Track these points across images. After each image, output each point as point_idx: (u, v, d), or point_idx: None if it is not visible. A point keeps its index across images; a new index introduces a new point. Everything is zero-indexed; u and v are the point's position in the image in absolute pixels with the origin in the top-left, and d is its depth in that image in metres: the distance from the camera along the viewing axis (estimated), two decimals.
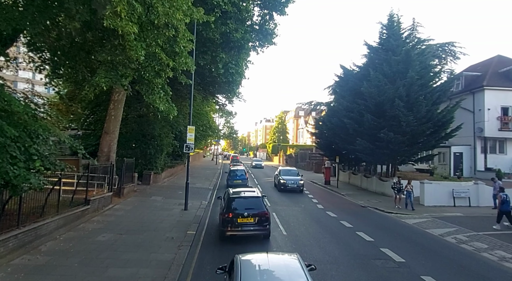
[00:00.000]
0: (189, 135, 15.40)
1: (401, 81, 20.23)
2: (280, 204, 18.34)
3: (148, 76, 9.11)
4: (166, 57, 8.71)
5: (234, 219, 10.44)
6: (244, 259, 5.29)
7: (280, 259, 5.69)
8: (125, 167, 17.68)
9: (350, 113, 22.84)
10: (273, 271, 4.88)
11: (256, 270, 4.92)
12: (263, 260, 5.29)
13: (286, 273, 4.82)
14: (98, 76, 8.68)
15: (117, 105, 18.46)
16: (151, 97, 9.75)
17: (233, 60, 17.61)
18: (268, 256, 5.53)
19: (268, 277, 4.77)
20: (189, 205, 15.86)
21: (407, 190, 17.55)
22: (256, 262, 5.18)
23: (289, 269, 4.94)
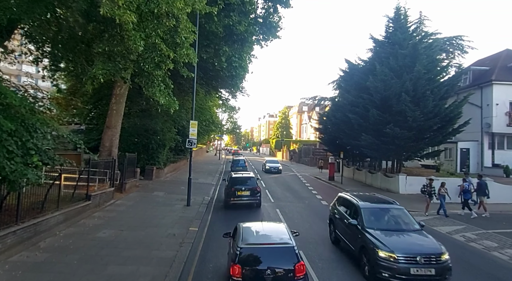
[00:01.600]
0: (192, 130, 15.15)
1: (408, 76, 19.78)
2: (283, 200, 18.11)
3: (147, 68, 8.79)
4: (167, 48, 8.40)
5: (235, 192, 15.15)
6: (244, 225, 7.22)
7: (271, 225, 8.05)
8: (127, 162, 17.52)
9: (355, 108, 22.45)
10: (266, 232, 6.98)
11: (253, 231, 6.92)
12: (258, 226, 7.43)
13: (275, 234, 6.82)
14: (96, 68, 8.37)
15: (119, 99, 18.23)
16: (151, 90, 9.45)
17: (237, 54, 17.28)
18: (263, 223, 7.85)
19: (262, 235, 6.78)
20: (191, 200, 15.68)
21: (440, 193, 14.99)
22: (254, 227, 7.22)
23: (278, 231, 6.97)
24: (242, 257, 6.06)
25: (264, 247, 6.30)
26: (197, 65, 17.98)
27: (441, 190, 15.08)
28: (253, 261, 6.06)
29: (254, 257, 6.13)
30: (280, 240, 6.48)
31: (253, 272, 5.95)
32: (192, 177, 24.76)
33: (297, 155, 51.37)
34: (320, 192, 21.09)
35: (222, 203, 16.82)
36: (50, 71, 15.24)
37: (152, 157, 22.28)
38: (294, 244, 6.28)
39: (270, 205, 16.56)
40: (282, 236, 6.63)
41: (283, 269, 5.95)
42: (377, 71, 20.64)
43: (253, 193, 15.27)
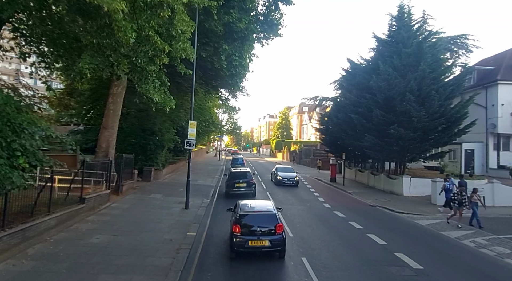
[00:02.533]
0: (191, 130, 14.66)
1: (412, 75, 19.32)
2: (284, 202, 17.59)
3: (140, 62, 8.23)
4: (161, 41, 7.85)
5: (234, 184, 18.61)
6: (242, 202, 10.16)
7: (261, 201, 11.67)
8: (124, 163, 17.03)
9: (358, 109, 21.96)
10: (256, 205, 10.04)
11: (248, 204, 9.91)
12: (252, 201, 10.74)
13: (263, 206, 9.91)
14: (82, 61, 7.79)
15: (115, 99, 17.75)
16: (144, 87, 8.88)
17: (237, 52, 16.80)
18: (255, 200, 12.43)
19: (254, 207, 9.75)
20: (190, 203, 15.18)
21: (473, 201, 13.17)
22: (248, 202, 10.27)
23: (265, 205, 10.13)
24: (240, 220, 8.99)
25: (255, 214, 9.35)
26: (196, 64, 17.53)
27: (474, 197, 13.17)
28: (247, 223, 8.97)
29: (248, 220, 9.05)
30: (266, 210, 9.56)
31: (247, 229, 8.81)
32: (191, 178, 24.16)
33: (297, 156, 50.85)
34: (322, 194, 20.59)
35: (222, 205, 16.33)
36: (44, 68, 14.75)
37: (150, 158, 21.79)
38: (275, 212, 9.38)
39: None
40: (268, 208, 9.77)
41: (268, 228, 8.84)
42: (380, 71, 20.16)
43: (249, 184, 18.63)
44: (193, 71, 14.28)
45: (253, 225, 8.89)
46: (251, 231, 8.78)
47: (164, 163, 23.77)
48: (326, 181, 27.83)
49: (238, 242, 8.70)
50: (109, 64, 8.19)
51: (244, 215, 9.15)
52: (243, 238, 8.68)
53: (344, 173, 25.81)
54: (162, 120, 22.56)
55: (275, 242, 8.70)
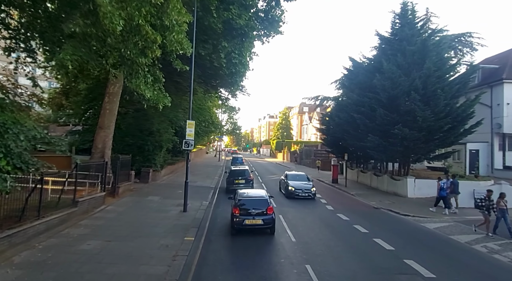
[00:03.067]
0: (189, 130, 14.14)
1: (417, 73, 18.79)
2: (286, 205, 17.07)
3: (130, 54, 7.61)
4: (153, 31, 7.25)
5: (234, 181, 20.11)
6: (240, 190, 12.65)
7: (256, 190, 14.31)
8: (121, 164, 16.50)
9: (361, 108, 21.43)
10: (252, 192, 12.65)
11: (245, 192, 12.42)
12: (248, 190, 13.48)
13: (257, 193, 12.45)
14: (63, 52, 7.16)
15: (112, 98, 17.27)
16: (135, 81, 8.25)
17: (236, 50, 16.29)
18: (251, 189, 14.79)
19: (249, 193, 12.29)
20: (188, 206, 14.68)
21: (500, 208, 12.02)
22: (245, 191, 12.85)
23: (259, 192, 12.78)
24: (239, 204, 11.25)
25: (251, 198, 11.74)
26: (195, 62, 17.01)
27: (501, 203, 12.05)
28: (244, 206, 11.17)
29: (245, 204, 11.28)
30: (259, 196, 12.10)
31: (245, 211, 11.01)
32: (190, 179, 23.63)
33: (298, 156, 50.31)
34: (324, 196, 20.04)
35: (221, 207, 15.84)
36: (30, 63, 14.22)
37: (148, 158, 21.27)
38: (267, 198, 11.81)
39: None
40: (261, 194, 12.35)
41: (261, 209, 11.09)
42: (384, 69, 19.65)
43: (247, 181, 20.16)
44: (191, 69, 13.77)
45: (249, 208, 11.17)
46: (248, 212, 11.07)
47: (162, 163, 23.25)
48: (327, 182, 27.30)
49: (237, 221, 11.06)
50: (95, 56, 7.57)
51: (241, 199, 11.60)
52: (241, 218, 11.02)
53: (346, 173, 25.18)
54: (160, 120, 22.06)
55: (267, 221, 11.11)
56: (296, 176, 21.10)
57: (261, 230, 11.16)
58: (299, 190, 18.62)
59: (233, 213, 11.18)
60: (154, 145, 21.19)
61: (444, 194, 15.60)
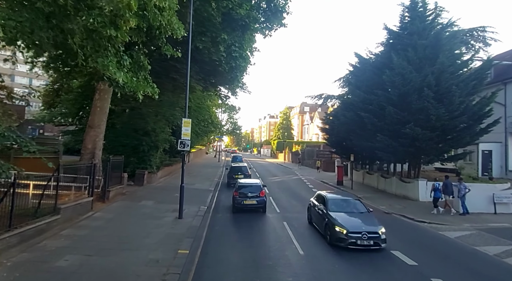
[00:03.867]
0: (185, 129, 12.95)
1: (430, 68, 17.58)
2: (290, 210, 15.87)
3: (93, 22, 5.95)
4: None
5: (233, 176, 22.37)
6: (240, 180, 16.96)
7: (253, 179, 18.62)
8: (112, 166, 15.29)
9: (368, 106, 20.20)
10: (249, 180, 17.37)
11: (244, 181, 16.68)
12: (247, 179, 18.57)
13: (253, 182, 16.42)
14: None
15: (103, 95, 16.09)
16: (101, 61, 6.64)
17: (237, 43, 15.07)
18: (249, 179, 19.58)
19: (247, 182, 16.38)
20: (184, 211, 13.51)
21: None
22: (244, 180, 17.84)
23: (255, 181, 16.80)
24: (239, 189, 14.77)
25: (248, 184, 15.36)
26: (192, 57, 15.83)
27: None
28: (242, 190, 14.70)
29: (243, 188, 14.84)
30: (254, 183, 15.72)
31: (243, 194, 14.53)
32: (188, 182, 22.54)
33: (301, 157, 49.04)
34: None
35: (221, 213, 14.66)
36: None
37: (143, 160, 20.08)
38: (260, 184, 15.47)
39: (276, 216, 14.30)
40: (256, 182, 16.14)
41: (255, 193, 14.57)
42: (394, 64, 18.40)
43: (245, 175, 22.63)
44: (187, 61, 12.62)
45: (246, 192, 14.79)
46: (245, 195, 14.67)
47: (158, 165, 22.05)
48: (332, 184, 26.06)
49: (237, 202, 14.61)
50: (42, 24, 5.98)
51: (241, 186, 15.28)
52: (240, 199, 14.58)
53: (352, 175, 23.95)
54: (157, 119, 20.87)
55: (260, 201, 14.64)
56: (343, 203, 11.97)
57: (256, 208, 14.67)
58: (357, 234, 9.75)
59: (234, 196, 14.92)
60: (150, 145, 20.00)
61: (438, 195, 15.61)
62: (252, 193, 14.70)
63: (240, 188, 15.02)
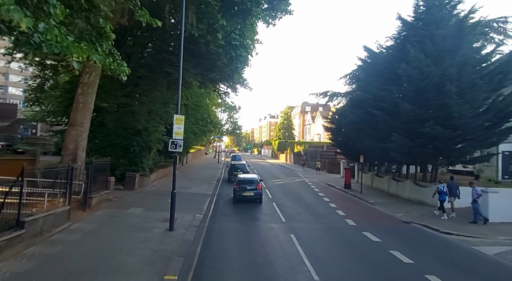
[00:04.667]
0: (177, 127, 11.22)
1: (450, 61, 15.87)
2: (297, 218, 14.14)
3: None
4: None
5: (234, 173, 24.55)
6: (240, 175, 19.87)
7: (251, 175, 21.28)
8: (95, 169, 13.56)
9: (381, 103, 18.50)
10: (247, 175, 20.21)
11: (243, 176, 19.28)
12: (246, 175, 20.56)
13: (251, 176, 19.45)
14: None
15: (86, 89, 14.39)
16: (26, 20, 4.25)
17: (237, 30, 13.35)
18: (248, 174, 21.56)
19: (246, 177, 18.92)
20: (177, 221, 11.84)
21: None
22: (243, 175, 20.48)
23: (253, 176, 19.97)
24: (238, 183, 17.25)
25: (246, 178, 17.95)
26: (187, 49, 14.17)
27: None
28: (241, 184, 17.07)
29: (242, 182, 17.24)
30: (252, 177, 18.33)
31: (242, 187, 16.82)
32: (184, 185, 20.80)
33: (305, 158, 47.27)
34: (340, 206, 17.10)
35: (219, 222, 12.93)
36: None
37: (134, 161, 18.35)
38: (257, 179, 18.24)
39: (282, 227, 12.56)
40: (253, 176, 19.07)
41: (253, 186, 16.83)
42: (410, 57, 16.68)
43: (244, 172, 24.17)
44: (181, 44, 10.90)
45: (245, 185, 16.85)
46: (244, 188, 16.73)
47: (152, 167, 20.31)
48: (339, 187, 24.36)
49: (237, 193, 16.78)
50: None
51: (240, 179, 17.59)
52: (240, 191, 16.70)
53: (362, 178, 22.22)
54: (149, 117, 19.14)
55: (256, 193, 16.70)
56: None
57: (253, 199, 16.84)
58: None
59: (234, 188, 17.13)
60: (141, 146, 18.27)
61: (444, 197, 14.80)
62: (250, 186, 16.96)
63: (240, 182, 17.36)
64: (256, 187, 16.78)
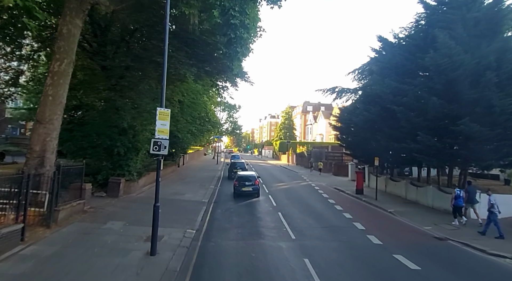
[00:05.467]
0: (160, 124, 8.87)
1: (487, 48, 13.56)
2: (308, 234, 11.77)
3: None
4: None
5: (234, 171, 26.80)
6: (239, 172, 21.73)
7: (249, 172, 23.61)
8: (66, 174, 11.25)
9: (402, 98, 16.18)
10: (246, 173, 21.47)
11: (243, 173, 21.34)
12: (245, 172, 22.66)
13: (250, 174, 20.59)
14: None
15: (57, 80, 12.05)
16: None
17: (237, 6, 10.96)
18: (246, 171, 24.13)
19: (245, 173, 21.04)
20: (162, 239, 9.67)
21: None
22: (243, 172, 22.69)
23: (252, 173, 21.17)
24: (238, 179, 19.08)
25: (245, 175, 20.01)
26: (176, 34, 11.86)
27: None
28: (241, 180, 18.89)
29: (241, 179, 19.09)
30: (250, 174, 20.18)
31: (241, 183, 18.61)
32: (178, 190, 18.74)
33: (305, 159, 44.93)
34: (356, 216, 14.74)
35: (213, 242, 10.56)
36: None
37: (119, 165, 16.00)
38: (255, 175, 20.05)
39: (292, 247, 10.19)
40: (252, 173, 20.81)
41: (251, 182, 18.73)
42: (439, 43, 14.35)
43: (243, 170, 26.52)
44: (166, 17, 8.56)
45: (244, 181, 18.87)
46: (243, 183, 18.69)
47: (140, 170, 17.92)
48: (350, 193, 22.00)
49: (237, 188, 18.66)
50: None
51: (240, 176, 19.71)
52: (239, 187, 18.57)
53: (377, 183, 19.85)
54: (137, 113, 16.75)
55: (254, 188, 18.63)
56: None
57: (251, 194, 18.36)
58: None
59: (234, 184, 18.85)
60: (127, 147, 15.90)
61: (461, 203, 13.72)
62: (248, 182, 18.80)
63: (239, 178, 19.21)
64: (254, 183, 18.72)
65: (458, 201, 13.75)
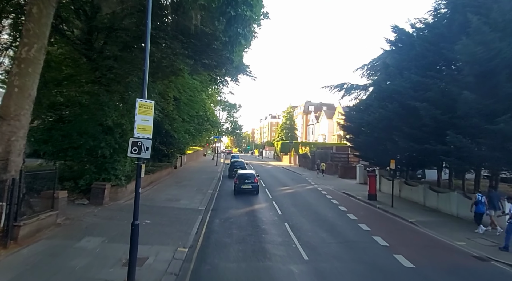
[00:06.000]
0: (140, 119, 6.98)
1: None
2: (322, 252, 9.85)
3: None
4: None
5: (234, 170, 27.35)
6: (239, 171, 22.76)
7: (249, 170, 24.80)
8: (35, 181, 9.37)
9: (424, 93, 14.29)
10: (246, 171, 22.48)
11: (242, 171, 22.45)
12: (245, 171, 23.43)
13: (249, 172, 21.64)
14: None
15: (25, 68, 10.18)
16: None
17: None
18: (246, 170, 24.83)
19: (245, 172, 21.92)
20: (147, 261, 7.88)
21: None
22: (242, 171, 23.36)
23: (251, 172, 22.40)
24: (238, 177, 20.25)
25: (244, 173, 21.11)
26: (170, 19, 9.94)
27: None
28: (241, 178, 20.05)
29: (241, 177, 20.23)
30: (250, 173, 21.26)
31: (241, 181, 19.81)
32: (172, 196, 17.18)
33: (309, 161, 43.00)
34: (374, 228, 12.81)
35: (210, 265, 8.63)
36: None
37: (104, 168, 14.10)
38: (254, 174, 21.14)
39: (305, 270, 8.28)
40: (251, 172, 22.15)
41: (250, 180, 19.93)
42: (472, 29, 12.45)
43: (243, 169, 27.35)
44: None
45: (244, 179, 19.90)
46: (243, 181, 19.73)
47: (130, 174, 15.99)
48: (361, 198, 20.05)
49: (237, 186, 19.67)
50: None
51: (240, 174, 20.63)
52: (239, 184, 19.62)
53: (393, 188, 17.92)
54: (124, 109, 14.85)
55: (254, 186, 19.70)
56: None
57: (250, 191, 19.60)
58: None
59: (235, 182, 20.20)
60: (113, 147, 14.01)
61: (482, 209, 12.66)
62: (248, 180, 19.90)
63: (240, 177, 20.29)
64: (253, 181, 19.87)
65: (478, 207, 12.77)
